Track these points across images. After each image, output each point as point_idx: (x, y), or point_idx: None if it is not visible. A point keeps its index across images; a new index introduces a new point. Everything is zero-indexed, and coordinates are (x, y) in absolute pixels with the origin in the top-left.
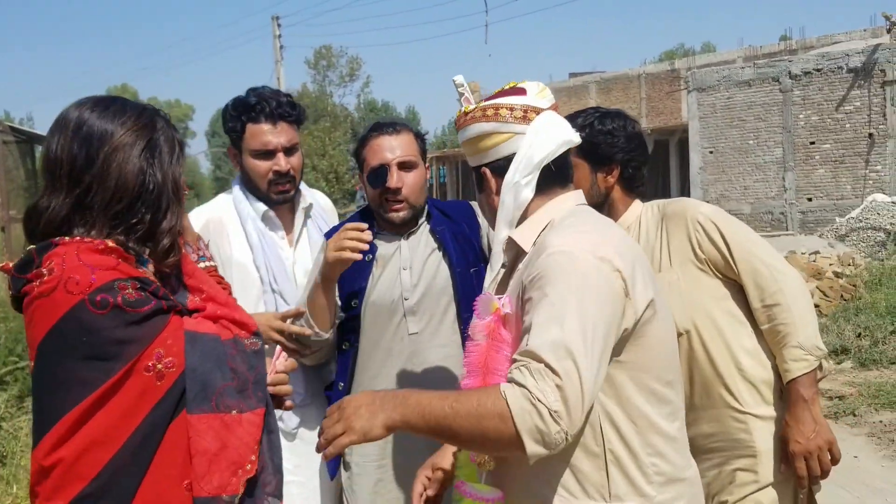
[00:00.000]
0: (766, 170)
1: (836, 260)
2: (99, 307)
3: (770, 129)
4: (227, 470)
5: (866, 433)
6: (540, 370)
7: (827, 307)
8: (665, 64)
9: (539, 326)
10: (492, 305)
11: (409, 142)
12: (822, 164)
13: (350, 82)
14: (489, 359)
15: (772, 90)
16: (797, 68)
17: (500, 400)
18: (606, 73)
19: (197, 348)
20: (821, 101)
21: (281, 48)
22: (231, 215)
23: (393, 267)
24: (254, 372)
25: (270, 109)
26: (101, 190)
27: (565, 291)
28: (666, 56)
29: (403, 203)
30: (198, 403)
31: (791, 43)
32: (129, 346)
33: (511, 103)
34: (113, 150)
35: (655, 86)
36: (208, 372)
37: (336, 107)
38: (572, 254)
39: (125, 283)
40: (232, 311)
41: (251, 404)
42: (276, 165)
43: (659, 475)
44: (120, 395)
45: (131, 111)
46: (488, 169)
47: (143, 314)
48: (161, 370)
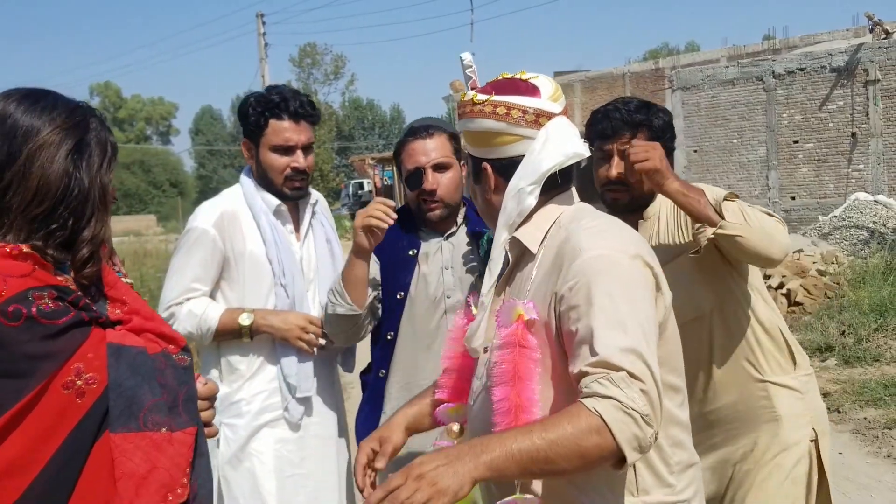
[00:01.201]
0: (750, 168)
1: (819, 258)
2: (11, 318)
3: (754, 129)
4: (156, 494)
5: (851, 430)
6: (623, 378)
7: (811, 305)
8: (649, 63)
9: (601, 334)
10: (515, 312)
11: (442, 144)
12: (806, 162)
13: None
14: (518, 367)
15: (755, 89)
16: (781, 68)
17: (593, 416)
18: (591, 72)
19: (122, 362)
20: (804, 101)
21: (265, 46)
22: (243, 209)
23: (435, 265)
24: (185, 388)
25: (294, 108)
26: (21, 190)
27: (613, 294)
28: (650, 55)
29: (439, 202)
30: (123, 422)
31: (774, 42)
32: (44, 362)
33: (524, 105)
34: (37, 148)
35: (640, 85)
36: (136, 387)
37: (321, 105)
38: (607, 256)
39: (41, 292)
40: (159, 324)
41: (182, 423)
42: (295, 162)
43: (678, 464)
44: (35, 415)
45: (62, 108)
46: (490, 165)
47: (59, 326)
48: (81, 387)
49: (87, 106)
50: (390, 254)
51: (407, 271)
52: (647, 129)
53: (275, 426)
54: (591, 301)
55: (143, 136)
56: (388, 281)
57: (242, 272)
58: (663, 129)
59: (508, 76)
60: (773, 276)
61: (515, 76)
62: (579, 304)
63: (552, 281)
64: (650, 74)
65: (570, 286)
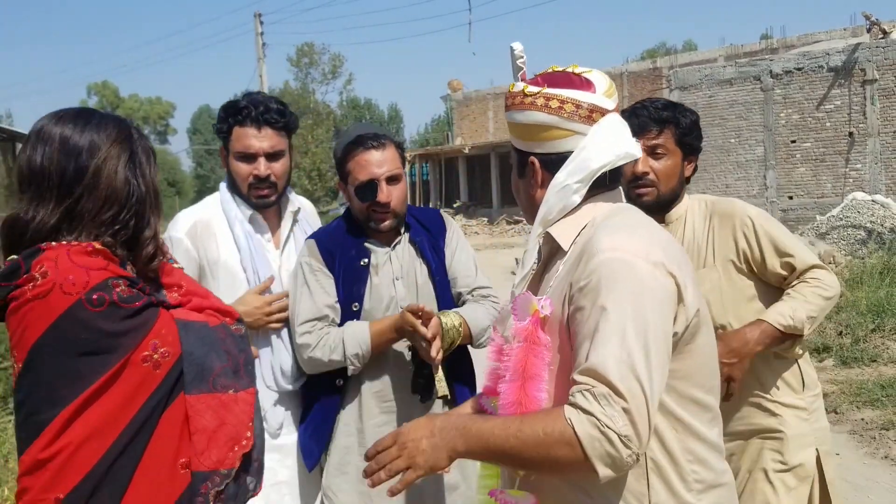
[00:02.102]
0: (748, 168)
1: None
2: (96, 305)
3: (751, 128)
4: (224, 446)
5: (848, 431)
6: (606, 395)
7: None
8: (647, 62)
9: (598, 342)
10: (531, 307)
11: (393, 155)
12: (803, 162)
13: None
14: (528, 363)
15: (753, 89)
16: (778, 67)
17: (567, 428)
18: None
19: (191, 335)
20: (801, 100)
21: (263, 45)
22: (219, 217)
23: (385, 276)
24: (243, 354)
25: (256, 114)
26: (91, 199)
27: (622, 301)
28: (648, 54)
29: (390, 213)
30: (196, 385)
31: (772, 42)
32: (124, 338)
33: (577, 99)
34: (103, 161)
35: (637, 84)
36: (205, 355)
37: (319, 104)
38: (625, 259)
39: (117, 281)
40: (213, 301)
41: (244, 384)
42: (256, 170)
43: (699, 482)
44: (117, 386)
45: (112, 123)
46: (537, 160)
47: (136, 308)
48: (157, 360)
49: (124, 118)
50: (341, 263)
51: (360, 282)
52: (675, 126)
53: None
54: (597, 305)
55: None
56: (340, 291)
57: (217, 281)
58: (690, 128)
59: (560, 69)
60: None
61: (567, 69)
62: (585, 307)
63: (569, 278)
64: (648, 74)
65: (582, 286)
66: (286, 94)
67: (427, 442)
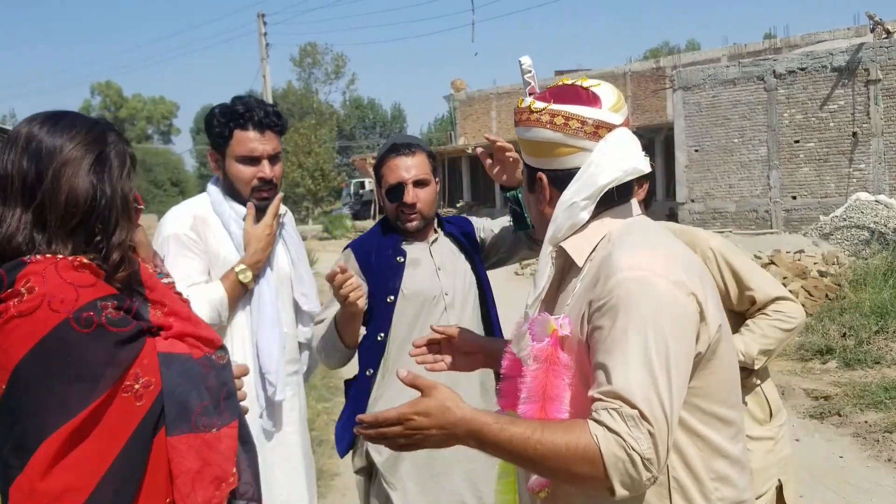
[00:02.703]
0: (751, 168)
1: (820, 259)
2: (84, 325)
3: (755, 128)
4: (210, 485)
5: (851, 433)
6: (634, 417)
7: (812, 307)
8: (650, 62)
9: (620, 363)
10: (549, 327)
11: (422, 161)
12: (807, 162)
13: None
14: (547, 385)
15: (756, 89)
16: (782, 67)
17: (592, 445)
18: (592, 71)
19: (173, 370)
20: (805, 100)
21: (267, 46)
22: (212, 216)
23: (426, 267)
24: (225, 387)
25: (259, 118)
26: (54, 206)
27: (643, 322)
28: (651, 54)
29: (417, 214)
30: (178, 425)
31: (775, 41)
32: (111, 368)
33: (583, 116)
34: (62, 165)
35: (641, 84)
36: (186, 393)
37: (322, 104)
38: (645, 278)
39: (106, 301)
40: (196, 327)
41: (226, 419)
42: (261, 172)
43: (721, 500)
44: (104, 419)
45: (81, 125)
46: (545, 176)
47: (126, 334)
48: (139, 390)
49: (106, 122)
50: (377, 262)
51: (396, 277)
52: None
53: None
54: (618, 327)
55: (145, 135)
56: (376, 286)
57: (215, 276)
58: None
59: (569, 82)
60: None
61: (576, 83)
62: (605, 326)
63: (588, 296)
64: (651, 73)
65: (601, 304)
66: (289, 94)
67: (438, 432)
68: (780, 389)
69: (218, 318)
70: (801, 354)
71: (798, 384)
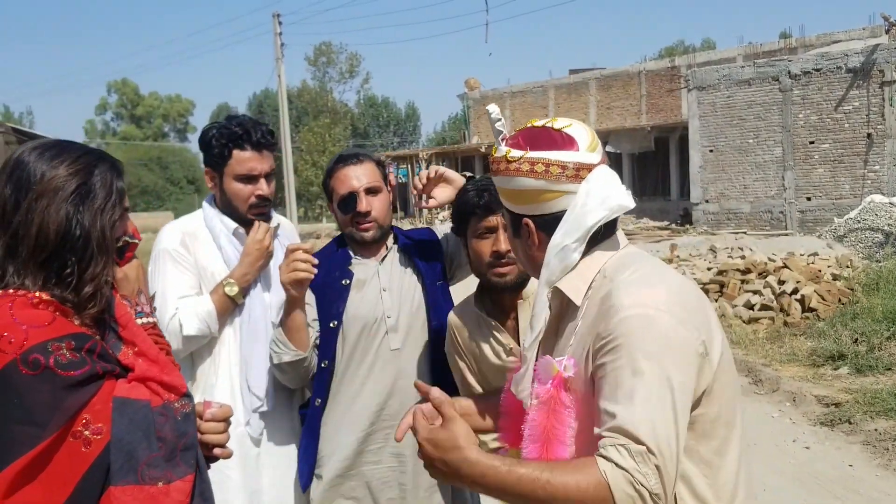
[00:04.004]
0: (766, 169)
1: (834, 262)
2: (31, 367)
3: (770, 129)
4: None
5: (861, 441)
6: (641, 453)
7: (825, 311)
8: (665, 61)
9: (625, 399)
10: (552, 369)
11: (371, 169)
12: (822, 163)
13: (350, 79)
14: (550, 427)
15: (772, 89)
16: (797, 68)
17: (602, 483)
18: (606, 70)
19: (125, 417)
20: (820, 101)
21: (282, 45)
22: (203, 231)
23: (372, 289)
24: (184, 438)
25: (256, 139)
26: (26, 237)
27: (647, 359)
28: (666, 53)
29: (373, 223)
30: (122, 475)
31: (791, 41)
32: (59, 413)
33: (562, 161)
34: (38, 195)
35: (655, 83)
36: (135, 442)
37: (336, 103)
38: (648, 315)
39: (59, 342)
40: (162, 370)
41: (179, 472)
42: (259, 190)
43: None
44: (52, 464)
45: (69, 154)
46: (532, 221)
47: (76, 378)
48: (88, 437)
49: (100, 151)
50: (323, 285)
51: (340, 300)
52: None
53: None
54: (622, 364)
55: (161, 133)
56: (321, 310)
57: (205, 290)
58: None
59: (539, 125)
60: (787, 281)
61: (547, 125)
62: (608, 364)
63: (591, 333)
64: (665, 72)
65: (604, 343)
66: (304, 93)
67: (442, 467)
68: (792, 396)
69: (207, 329)
70: (812, 360)
71: (809, 390)
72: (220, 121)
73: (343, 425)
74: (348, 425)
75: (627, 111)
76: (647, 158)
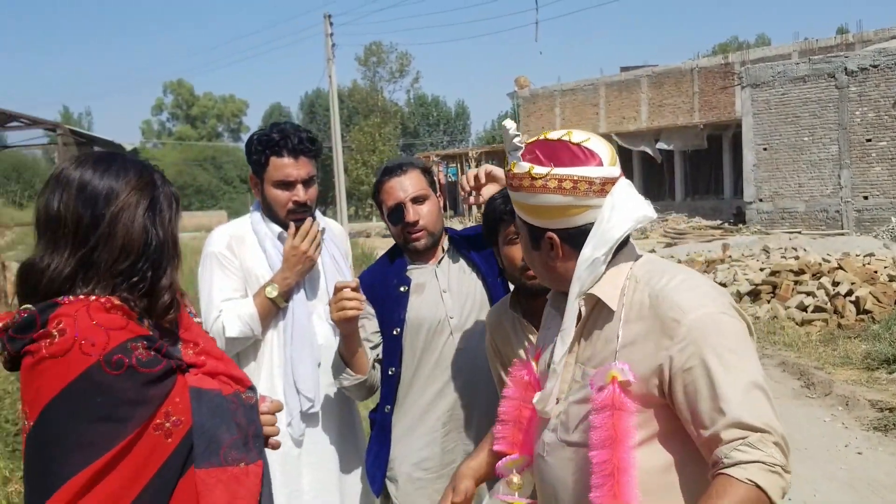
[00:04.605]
0: (822, 167)
1: (890, 263)
2: (114, 368)
3: (825, 126)
4: None
5: None
6: (760, 438)
7: (880, 313)
8: (718, 57)
9: (728, 396)
10: (608, 375)
11: (417, 178)
12: (879, 161)
13: (400, 78)
14: (616, 429)
15: (827, 86)
16: (853, 64)
17: (751, 489)
18: (658, 67)
19: (203, 405)
20: (877, 98)
21: (333, 46)
22: (250, 235)
23: (432, 292)
24: (253, 426)
25: (293, 145)
26: (108, 249)
27: (731, 354)
28: (719, 49)
29: (423, 231)
30: (206, 458)
31: (848, 37)
32: (142, 408)
33: (589, 176)
34: (119, 210)
35: (708, 80)
36: (216, 427)
37: (386, 102)
38: (711, 315)
39: (136, 342)
40: (227, 366)
41: (253, 457)
42: (296, 196)
43: None
44: (131, 456)
45: (133, 169)
46: (556, 235)
47: (156, 374)
48: (169, 428)
49: (150, 164)
50: (382, 294)
51: (400, 307)
52: None
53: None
54: (708, 365)
55: (215, 132)
56: (382, 319)
57: (251, 293)
58: None
59: (555, 138)
60: (841, 282)
61: (563, 139)
62: (693, 366)
63: (651, 343)
64: (719, 70)
65: (681, 348)
66: (354, 93)
67: None
68: (845, 400)
69: (249, 331)
70: (866, 363)
71: (863, 395)
72: (264, 128)
73: (416, 428)
74: (422, 428)
75: (679, 109)
76: (700, 156)
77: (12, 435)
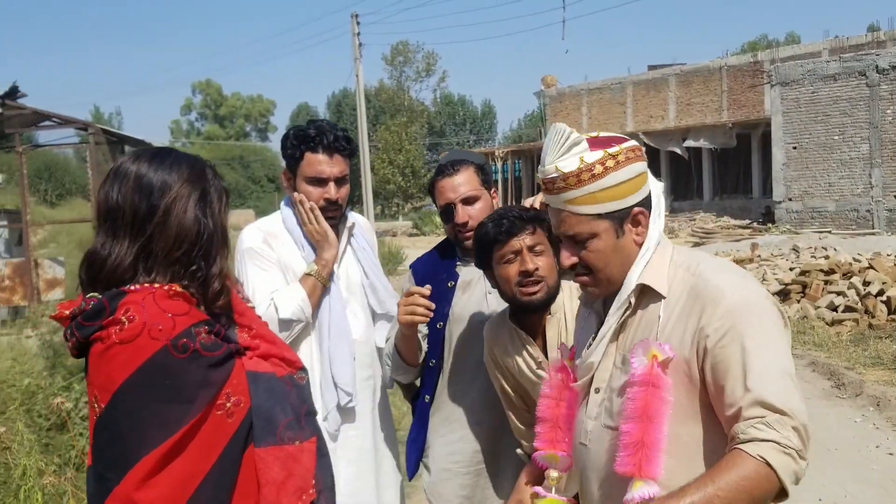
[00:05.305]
0: (852, 166)
1: None
2: (180, 351)
3: (856, 125)
4: (293, 495)
5: None
6: (780, 420)
7: None
8: (747, 56)
9: (754, 375)
10: (649, 353)
11: (469, 177)
12: None
13: (426, 77)
14: (649, 405)
15: (858, 84)
16: (884, 62)
17: (761, 465)
18: (686, 66)
19: (260, 387)
20: None
21: (360, 45)
22: (283, 232)
23: (478, 291)
24: (305, 405)
25: (328, 142)
26: (163, 238)
27: (761, 336)
28: (748, 47)
29: (472, 232)
30: (264, 437)
31: (879, 34)
32: (206, 389)
33: (630, 145)
34: (173, 201)
35: (737, 78)
36: (272, 408)
37: (412, 101)
38: (749, 298)
39: (199, 327)
40: (280, 349)
41: (306, 434)
42: (327, 193)
43: None
44: (199, 436)
45: (185, 163)
46: (642, 207)
47: (219, 357)
48: (230, 408)
49: (202, 158)
50: (431, 286)
51: (445, 301)
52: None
53: None
54: (742, 344)
55: (243, 132)
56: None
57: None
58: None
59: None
60: (872, 282)
61: (591, 135)
62: (727, 346)
63: (692, 322)
64: (748, 68)
65: (717, 327)
66: (381, 92)
67: None
68: (876, 400)
69: (301, 313)
70: None
71: (894, 395)
72: (302, 124)
73: (452, 422)
74: (457, 422)
75: (708, 107)
76: (728, 155)
77: (45, 430)
